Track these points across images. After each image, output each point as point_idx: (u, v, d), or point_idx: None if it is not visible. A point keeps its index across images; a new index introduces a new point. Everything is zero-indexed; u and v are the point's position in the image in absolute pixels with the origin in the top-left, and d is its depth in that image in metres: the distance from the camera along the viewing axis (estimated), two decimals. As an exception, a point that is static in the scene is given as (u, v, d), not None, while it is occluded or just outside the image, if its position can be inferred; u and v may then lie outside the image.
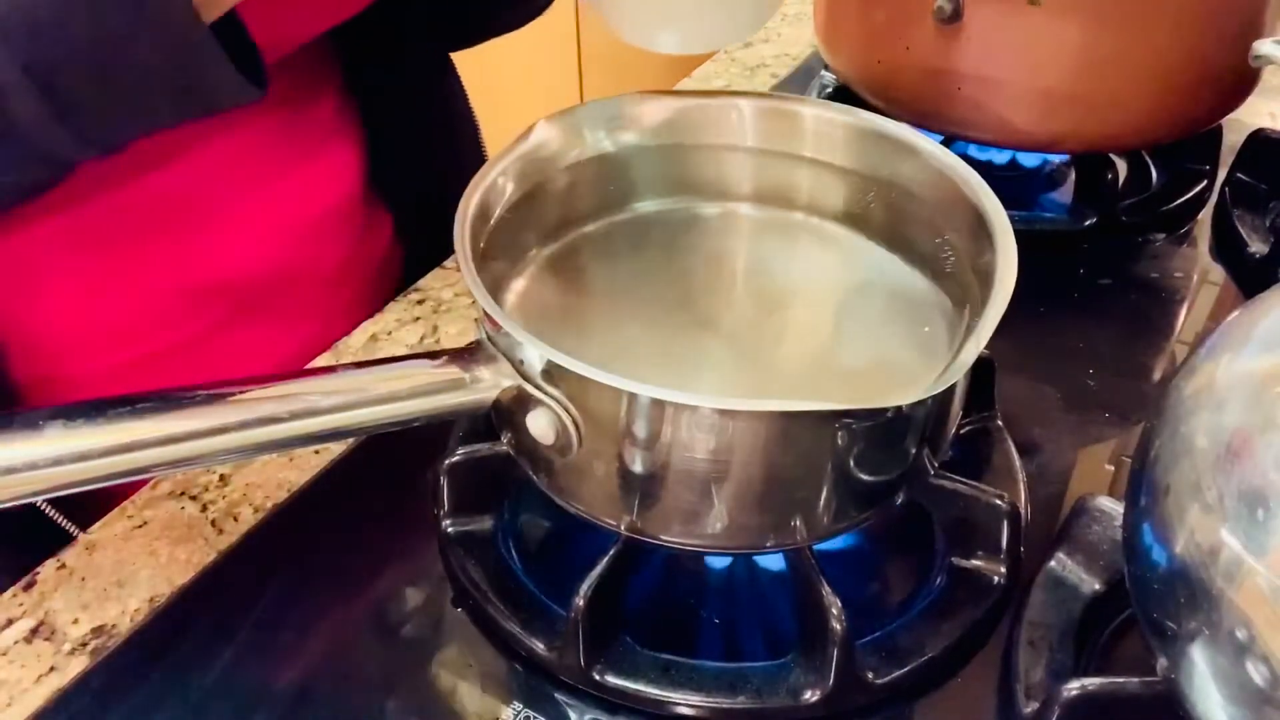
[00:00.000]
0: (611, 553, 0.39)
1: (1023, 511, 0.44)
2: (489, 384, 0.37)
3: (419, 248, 0.65)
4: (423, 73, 0.66)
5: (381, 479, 0.48)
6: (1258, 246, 0.60)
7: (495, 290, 0.42)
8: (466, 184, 0.42)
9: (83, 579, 0.44)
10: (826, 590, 0.38)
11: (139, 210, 0.51)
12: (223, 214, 0.54)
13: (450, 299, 0.59)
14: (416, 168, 0.64)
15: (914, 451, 0.38)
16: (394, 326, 0.57)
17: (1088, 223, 0.61)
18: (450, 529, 0.44)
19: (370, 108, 0.61)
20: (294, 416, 0.35)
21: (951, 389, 0.37)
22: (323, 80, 0.59)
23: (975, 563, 0.42)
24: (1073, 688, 0.35)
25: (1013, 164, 0.67)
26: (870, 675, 0.39)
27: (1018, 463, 0.46)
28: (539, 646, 0.40)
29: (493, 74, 0.70)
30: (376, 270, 0.64)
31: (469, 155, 0.70)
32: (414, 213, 0.65)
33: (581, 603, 0.38)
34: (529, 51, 1.71)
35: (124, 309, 0.53)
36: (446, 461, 0.43)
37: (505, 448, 0.41)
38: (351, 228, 0.61)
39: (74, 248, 0.50)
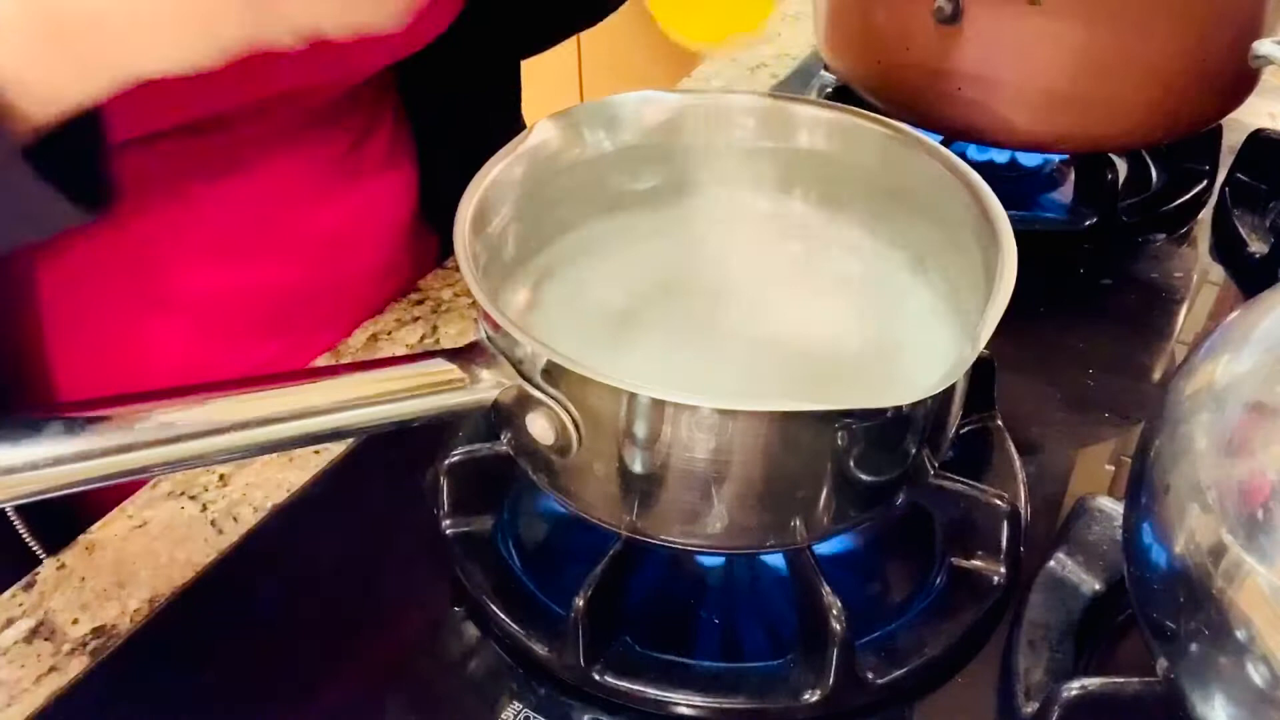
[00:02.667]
0: (611, 553, 0.39)
1: (1023, 511, 0.44)
2: (489, 384, 0.37)
3: None
4: (492, 88, 0.65)
5: (381, 479, 0.48)
6: (1258, 246, 0.60)
7: (495, 290, 0.42)
8: None
9: (83, 579, 0.44)
10: (826, 590, 0.38)
11: (188, 234, 0.51)
12: (273, 239, 0.54)
13: (450, 299, 0.59)
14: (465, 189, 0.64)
15: (914, 451, 0.38)
16: (394, 326, 0.57)
17: (1088, 223, 0.61)
18: (450, 529, 0.44)
19: (428, 131, 0.61)
20: (294, 416, 0.35)
21: (951, 389, 0.37)
22: (379, 106, 0.58)
23: (975, 563, 0.42)
24: (1073, 688, 0.35)
25: (1013, 164, 0.67)
26: (870, 675, 0.39)
27: (1018, 463, 0.46)
28: (539, 646, 0.40)
29: (492, 74, 0.70)
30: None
31: None
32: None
33: (581, 603, 0.38)
34: (529, 51, 1.70)
35: (174, 333, 0.53)
36: (446, 461, 0.43)
37: (505, 448, 0.41)
38: (402, 250, 0.61)
39: (120, 272, 0.50)
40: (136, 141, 0.45)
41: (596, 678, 0.39)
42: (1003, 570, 0.42)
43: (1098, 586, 0.41)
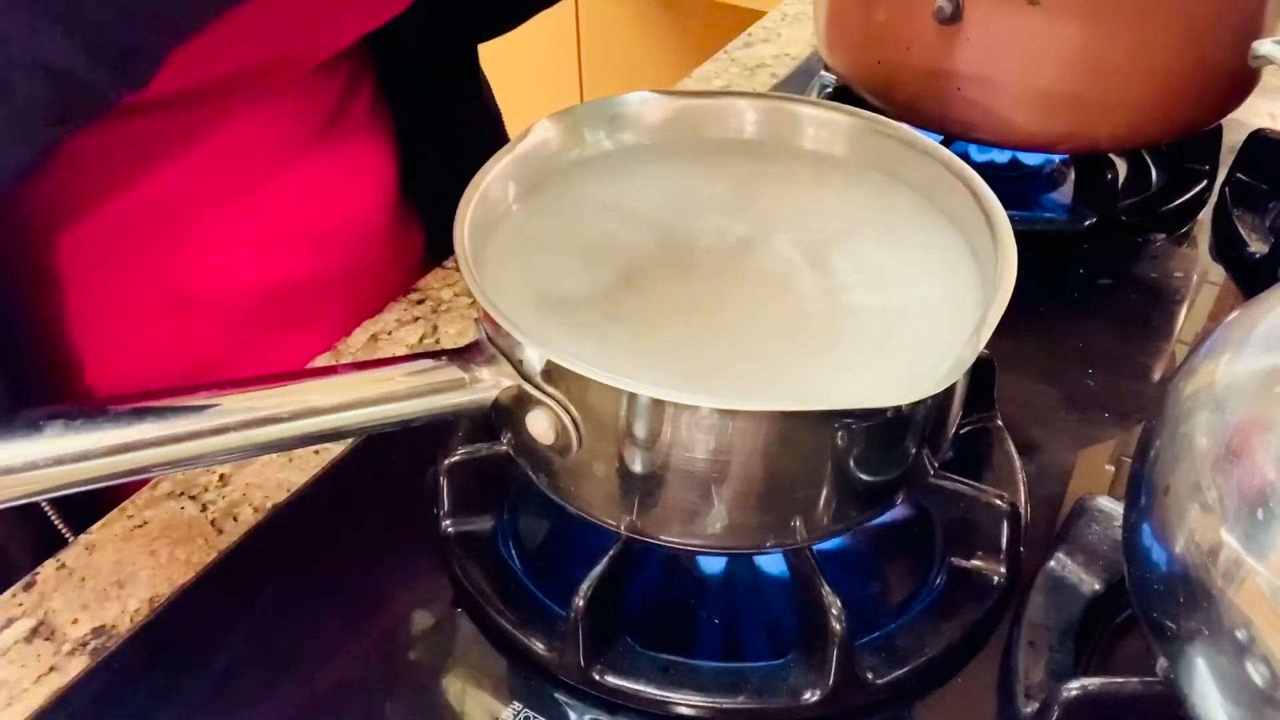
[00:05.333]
0: (611, 553, 0.39)
1: (1023, 511, 0.44)
2: (489, 384, 0.37)
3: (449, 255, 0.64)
4: (455, 73, 0.65)
5: (381, 479, 0.48)
6: (1258, 246, 0.60)
7: (495, 290, 0.42)
8: None
9: (83, 579, 0.44)
10: (826, 590, 0.38)
11: (164, 216, 0.51)
12: (253, 220, 0.54)
13: (450, 299, 0.59)
14: (448, 174, 0.64)
15: (914, 451, 0.38)
16: (394, 326, 0.57)
17: (1088, 223, 0.61)
18: (450, 529, 0.44)
19: (404, 111, 0.60)
20: (294, 416, 0.35)
21: (951, 389, 0.37)
22: (355, 81, 0.58)
23: (975, 563, 0.42)
24: (1073, 688, 0.35)
25: (1013, 164, 0.67)
26: (870, 675, 0.39)
27: (1018, 463, 0.46)
28: (539, 646, 0.40)
29: (493, 74, 0.70)
30: (408, 278, 0.63)
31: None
32: (445, 219, 0.64)
33: (581, 603, 0.38)
34: (529, 51, 1.72)
35: (149, 321, 0.53)
36: (446, 461, 0.43)
37: (505, 448, 0.41)
38: (384, 235, 0.60)
39: (96, 256, 0.50)
40: (104, 121, 0.45)
41: (596, 678, 0.39)
42: (1003, 570, 0.42)
43: (1098, 586, 0.41)
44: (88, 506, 0.47)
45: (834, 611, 0.37)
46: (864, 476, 0.37)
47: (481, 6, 0.63)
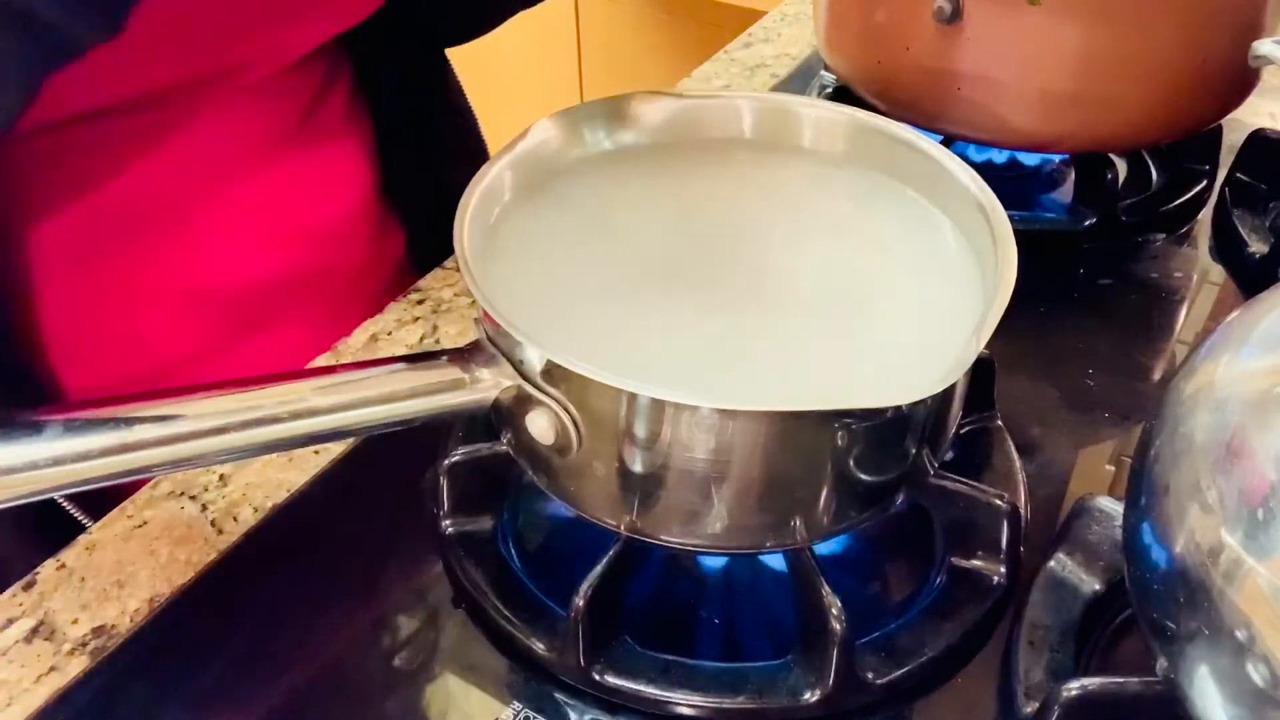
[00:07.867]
0: (611, 553, 0.39)
1: (1023, 511, 0.44)
2: (489, 384, 0.37)
3: (434, 256, 0.65)
4: (428, 73, 0.65)
5: (381, 479, 0.48)
6: (1258, 246, 0.60)
7: (495, 290, 0.42)
8: None
9: (83, 579, 0.44)
10: (826, 590, 0.38)
11: (142, 214, 0.51)
12: (230, 219, 0.54)
13: (450, 299, 0.59)
14: (427, 174, 0.64)
15: (914, 451, 0.38)
16: (394, 326, 0.57)
17: (1088, 223, 0.61)
18: (450, 529, 0.44)
19: (379, 109, 0.61)
20: (294, 416, 0.35)
21: (951, 389, 0.37)
22: (331, 80, 0.58)
23: (975, 563, 0.42)
24: (1073, 688, 0.35)
25: (1013, 164, 0.67)
26: (870, 675, 0.39)
27: (1018, 463, 0.46)
28: (539, 646, 0.40)
29: (492, 74, 0.70)
30: (390, 279, 0.63)
31: (478, 159, 0.70)
32: (426, 219, 0.64)
33: (581, 603, 0.38)
34: (529, 51, 1.72)
35: (129, 319, 0.53)
36: (446, 461, 0.43)
37: (505, 448, 0.41)
38: (363, 234, 0.60)
39: (76, 255, 0.50)
40: (78, 120, 0.45)
41: (596, 678, 0.39)
42: (1003, 570, 0.42)
43: (1098, 586, 0.41)
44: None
45: (834, 611, 0.37)
46: (864, 476, 0.37)
47: (449, 13, 0.63)
